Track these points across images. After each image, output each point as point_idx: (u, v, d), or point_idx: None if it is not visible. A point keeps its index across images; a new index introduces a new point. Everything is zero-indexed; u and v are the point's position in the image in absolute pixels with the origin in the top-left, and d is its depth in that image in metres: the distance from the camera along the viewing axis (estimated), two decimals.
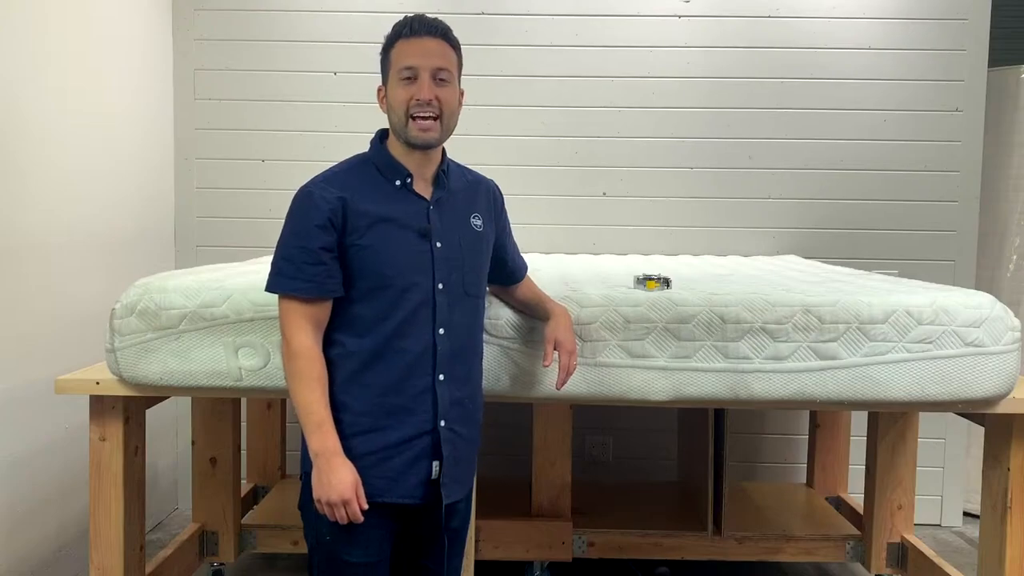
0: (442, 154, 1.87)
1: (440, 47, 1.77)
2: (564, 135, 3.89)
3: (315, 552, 1.84)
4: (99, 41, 3.26)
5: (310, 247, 1.72)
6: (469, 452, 1.90)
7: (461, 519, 1.95)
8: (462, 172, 1.94)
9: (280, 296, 1.78)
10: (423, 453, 1.80)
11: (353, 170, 1.82)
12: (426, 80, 1.74)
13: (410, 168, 1.80)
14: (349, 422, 1.77)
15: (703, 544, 3.01)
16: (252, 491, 3.43)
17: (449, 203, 1.85)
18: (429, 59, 1.74)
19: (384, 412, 1.77)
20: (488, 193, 1.97)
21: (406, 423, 1.78)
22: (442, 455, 1.80)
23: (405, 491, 1.79)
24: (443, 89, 1.76)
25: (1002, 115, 3.97)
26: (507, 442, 3.66)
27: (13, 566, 2.76)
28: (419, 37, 1.75)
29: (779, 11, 3.85)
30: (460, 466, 1.86)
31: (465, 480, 1.90)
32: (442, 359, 1.80)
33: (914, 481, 3.01)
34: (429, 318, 1.78)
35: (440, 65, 1.75)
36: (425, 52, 1.74)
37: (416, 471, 1.79)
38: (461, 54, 1.83)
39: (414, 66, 1.74)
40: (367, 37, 3.85)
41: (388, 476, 1.78)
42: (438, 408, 1.79)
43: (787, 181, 3.89)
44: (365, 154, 1.86)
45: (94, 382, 2.24)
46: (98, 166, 3.26)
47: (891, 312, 2.19)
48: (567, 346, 1.97)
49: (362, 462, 1.76)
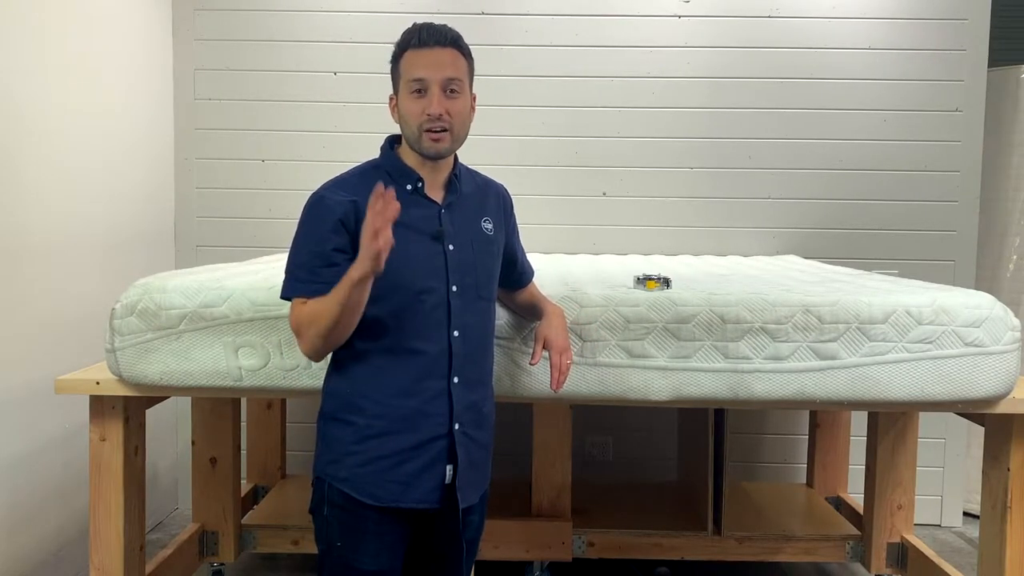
0: (454, 159, 1.86)
1: (450, 56, 1.75)
2: (564, 135, 3.89)
3: (326, 557, 1.83)
4: (99, 41, 3.26)
5: (324, 250, 1.72)
6: (483, 456, 1.88)
7: (475, 530, 1.93)
8: (472, 176, 1.93)
9: (294, 299, 1.77)
10: (438, 457, 1.78)
11: (364, 175, 1.81)
12: (436, 93, 1.72)
13: (421, 173, 1.80)
14: (363, 425, 1.76)
15: (703, 544, 3.01)
16: (252, 491, 3.43)
17: (460, 207, 1.84)
18: (439, 71, 1.72)
19: (399, 416, 1.76)
20: (498, 197, 1.96)
21: (421, 427, 1.77)
22: (457, 459, 1.78)
23: (420, 496, 1.78)
24: (454, 101, 1.74)
25: (1002, 115, 3.97)
26: (507, 442, 3.65)
27: (13, 566, 2.76)
28: (429, 47, 1.73)
29: (779, 11, 3.85)
30: (474, 470, 1.84)
31: (479, 484, 1.88)
32: (457, 361, 1.79)
33: (914, 481, 3.01)
34: (444, 320, 1.77)
35: (450, 75, 1.73)
36: (435, 63, 1.72)
37: (431, 475, 1.78)
38: (472, 60, 1.81)
39: (424, 77, 1.72)
40: (367, 37, 3.85)
41: (402, 481, 1.76)
42: (453, 411, 1.78)
43: (787, 181, 3.89)
44: (375, 160, 1.85)
45: (94, 382, 2.24)
46: (98, 166, 3.26)
47: (891, 312, 2.19)
48: (557, 345, 1.95)
49: (375, 466, 1.75)
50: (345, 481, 1.77)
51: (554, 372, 1.93)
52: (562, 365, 1.93)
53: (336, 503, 1.78)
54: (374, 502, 1.76)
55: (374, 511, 1.76)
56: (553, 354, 1.94)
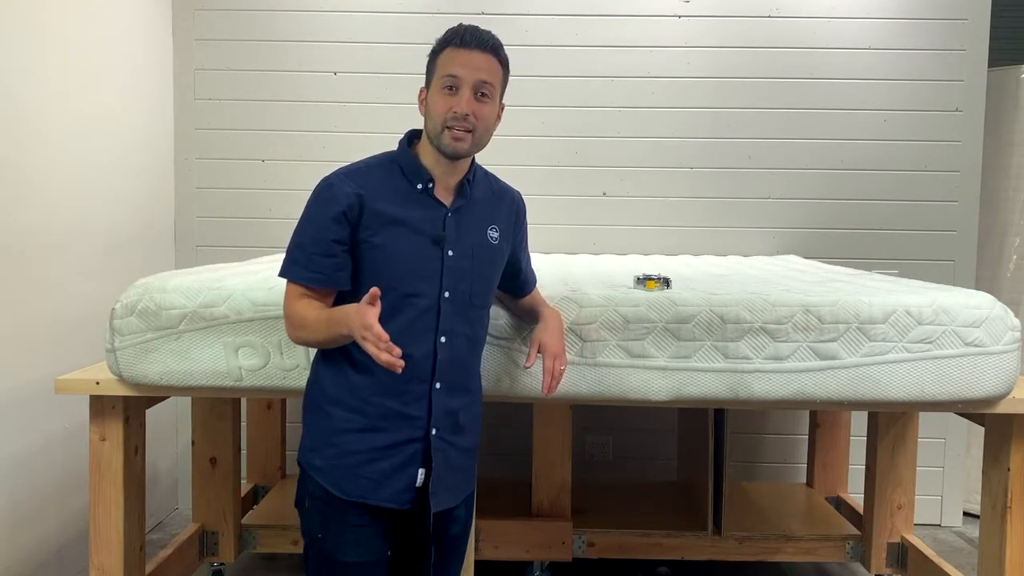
0: (471, 162, 1.85)
1: (488, 62, 1.76)
2: (564, 135, 3.89)
3: (309, 550, 1.84)
4: (99, 41, 3.26)
5: (323, 238, 1.73)
6: (463, 461, 1.88)
7: (461, 526, 1.93)
8: (488, 181, 1.92)
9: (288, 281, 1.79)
10: (411, 459, 1.79)
11: (377, 168, 1.81)
12: (467, 94, 1.73)
13: (435, 174, 1.79)
14: (341, 417, 1.78)
15: (703, 544, 3.01)
16: (252, 491, 3.43)
17: (468, 212, 1.83)
18: (474, 72, 1.73)
19: (378, 414, 1.77)
20: (512, 205, 1.96)
21: (398, 428, 1.78)
22: (431, 463, 1.79)
23: (389, 495, 1.78)
24: (482, 105, 1.75)
25: (1002, 115, 3.97)
26: (507, 442, 3.66)
27: (13, 566, 2.76)
28: (469, 49, 1.74)
29: (779, 11, 3.85)
30: (452, 474, 1.84)
31: (458, 488, 1.88)
32: (441, 367, 1.79)
33: (914, 481, 3.01)
34: (432, 325, 1.77)
35: (484, 79, 1.74)
36: (472, 64, 1.73)
37: (401, 477, 1.78)
38: (508, 71, 1.82)
39: (458, 75, 1.72)
40: (367, 37, 3.85)
41: (373, 478, 1.77)
42: (432, 416, 1.79)
43: (787, 181, 3.89)
44: (391, 153, 1.84)
45: (94, 382, 2.24)
46: (98, 166, 3.26)
47: (891, 312, 2.19)
48: (551, 350, 1.93)
49: (348, 460, 1.77)
50: (320, 471, 1.78)
51: (546, 377, 1.91)
52: (555, 371, 1.91)
53: (316, 495, 1.80)
54: (343, 496, 1.77)
55: (351, 505, 1.77)
56: (547, 359, 1.93)
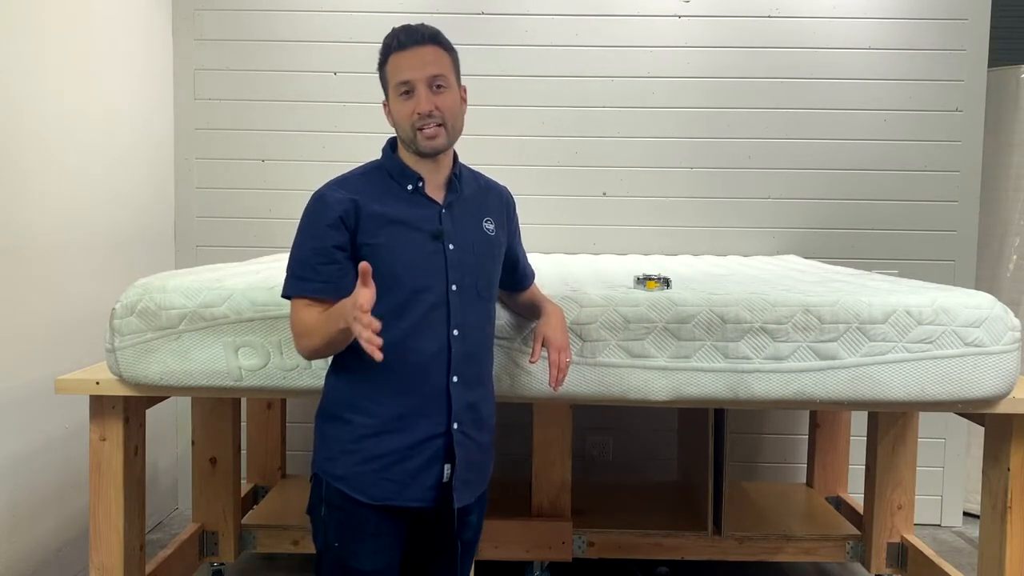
0: (454, 159, 1.87)
1: (432, 53, 1.76)
2: (564, 135, 3.89)
3: (323, 557, 1.83)
4: (99, 41, 3.26)
5: (324, 247, 1.73)
6: (481, 456, 1.88)
7: (473, 531, 1.93)
8: (475, 177, 1.94)
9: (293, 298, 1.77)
10: (435, 456, 1.78)
11: (366, 176, 1.83)
12: (423, 92, 1.74)
13: (422, 174, 1.81)
14: (361, 423, 1.77)
15: (703, 544, 3.01)
16: (252, 491, 3.43)
17: (461, 207, 1.85)
18: (423, 70, 1.74)
19: (397, 414, 1.76)
20: (501, 198, 1.97)
21: (419, 426, 1.77)
22: (455, 458, 1.79)
23: (416, 495, 1.78)
24: (441, 96, 1.76)
25: (1002, 115, 3.97)
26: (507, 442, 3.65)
27: (13, 566, 2.76)
28: (408, 48, 1.75)
29: (779, 11, 3.85)
30: (472, 470, 1.84)
31: (476, 484, 1.88)
32: (456, 360, 1.79)
33: (914, 481, 3.01)
34: (444, 319, 1.78)
35: (434, 72, 1.75)
36: (418, 63, 1.74)
37: (428, 475, 1.78)
38: (456, 54, 1.82)
39: (408, 79, 1.74)
40: (367, 37, 3.85)
41: (399, 480, 1.76)
42: (452, 410, 1.79)
43: (787, 181, 3.89)
44: (377, 161, 1.86)
45: (94, 382, 2.24)
46: (98, 166, 3.26)
47: (891, 312, 2.19)
48: (556, 343, 1.95)
49: (372, 465, 1.76)
50: (342, 479, 1.77)
51: (553, 370, 1.93)
52: (561, 363, 1.93)
53: (333, 503, 1.78)
54: (370, 500, 1.76)
55: (371, 510, 1.76)
56: (552, 352, 1.94)
